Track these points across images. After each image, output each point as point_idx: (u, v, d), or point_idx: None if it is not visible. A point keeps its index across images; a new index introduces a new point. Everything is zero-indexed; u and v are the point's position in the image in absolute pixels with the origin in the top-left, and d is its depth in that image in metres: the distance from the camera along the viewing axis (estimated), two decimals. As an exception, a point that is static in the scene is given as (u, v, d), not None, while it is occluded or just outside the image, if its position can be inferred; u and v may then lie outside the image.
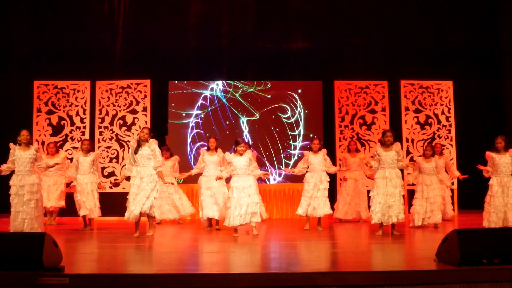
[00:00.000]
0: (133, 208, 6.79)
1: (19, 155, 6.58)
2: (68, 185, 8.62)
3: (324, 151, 7.89)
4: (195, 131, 10.23)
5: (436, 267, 4.55)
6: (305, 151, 8.01)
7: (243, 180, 6.94)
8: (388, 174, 6.93)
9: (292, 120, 10.29)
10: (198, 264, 5.21)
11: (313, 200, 7.65)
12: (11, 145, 6.68)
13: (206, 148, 8.11)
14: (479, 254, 4.39)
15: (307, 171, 7.82)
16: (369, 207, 8.76)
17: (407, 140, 9.94)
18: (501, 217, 7.02)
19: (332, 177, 8.58)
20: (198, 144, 9.99)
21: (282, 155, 10.21)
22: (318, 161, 7.72)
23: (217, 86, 10.30)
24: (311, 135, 9.94)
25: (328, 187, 7.80)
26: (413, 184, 8.26)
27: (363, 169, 8.87)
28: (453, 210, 9.05)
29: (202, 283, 4.22)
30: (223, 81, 10.35)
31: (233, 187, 6.93)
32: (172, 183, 8.43)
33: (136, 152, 6.93)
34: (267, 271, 4.64)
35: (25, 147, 6.64)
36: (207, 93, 10.28)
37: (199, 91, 10.27)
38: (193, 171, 8.12)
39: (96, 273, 4.61)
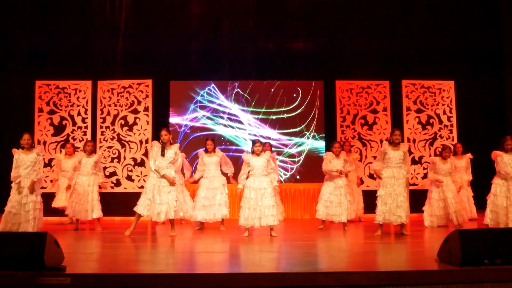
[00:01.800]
0: (159, 211, 6.86)
1: (21, 158, 6.67)
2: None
3: (344, 153, 7.95)
4: (193, 135, 10.23)
5: (437, 267, 4.54)
6: (328, 152, 8.01)
7: (259, 181, 6.92)
8: (396, 174, 6.93)
9: (298, 112, 10.26)
10: (198, 264, 5.21)
11: (332, 205, 7.68)
12: (14, 151, 6.79)
13: (204, 149, 8.10)
14: (480, 254, 4.38)
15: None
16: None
17: (408, 140, 9.93)
18: (504, 215, 7.03)
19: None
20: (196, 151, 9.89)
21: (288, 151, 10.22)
22: (340, 165, 7.75)
23: (216, 86, 10.33)
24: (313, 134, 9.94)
25: (347, 191, 7.86)
26: (414, 184, 8.28)
27: (357, 170, 8.92)
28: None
29: (202, 283, 4.22)
30: (224, 81, 10.37)
31: (249, 187, 6.92)
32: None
33: (163, 154, 6.94)
34: (268, 271, 4.63)
35: (27, 150, 6.72)
36: (207, 93, 10.29)
37: (200, 91, 10.30)
38: (197, 176, 8.05)
39: (98, 273, 4.60)
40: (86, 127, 9.82)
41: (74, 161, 8.19)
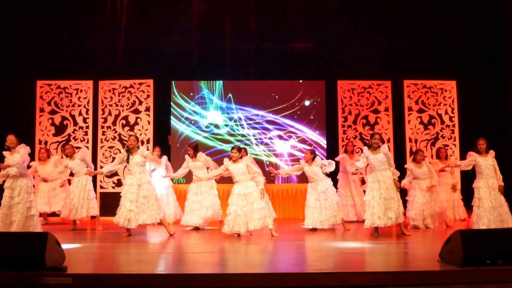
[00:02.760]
0: (139, 217, 6.89)
1: (8, 159, 6.71)
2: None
3: (318, 159, 7.88)
4: (197, 137, 10.23)
5: (439, 268, 4.53)
6: (300, 161, 7.99)
7: (243, 187, 6.92)
8: (380, 177, 6.92)
9: (299, 112, 10.24)
10: (198, 264, 5.20)
11: (319, 212, 7.62)
12: (4, 153, 6.85)
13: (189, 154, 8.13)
14: (482, 255, 4.37)
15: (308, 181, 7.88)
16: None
17: (410, 140, 9.91)
18: (491, 219, 6.93)
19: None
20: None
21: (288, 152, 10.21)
22: (313, 171, 7.71)
23: (217, 86, 10.33)
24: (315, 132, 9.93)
25: (331, 194, 7.76)
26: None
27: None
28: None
29: (202, 283, 4.21)
30: (225, 81, 10.37)
31: (233, 194, 6.92)
32: None
33: (128, 160, 7.00)
34: (268, 271, 4.63)
35: (13, 150, 6.75)
36: (208, 92, 10.29)
37: (201, 91, 10.30)
38: (178, 172, 8.15)
39: (99, 273, 4.60)
40: (87, 127, 9.82)
41: (50, 165, 8.25)
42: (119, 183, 9.68)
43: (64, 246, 4.71)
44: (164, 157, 8.90)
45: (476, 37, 10.58)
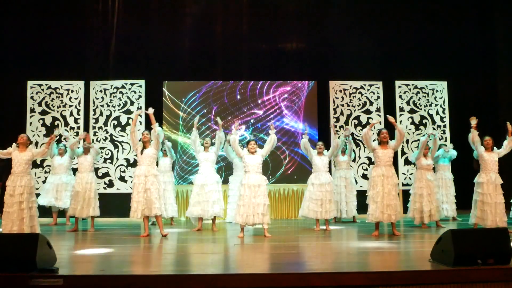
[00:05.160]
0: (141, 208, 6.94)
1: (15, 156, 6.60)
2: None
3: (327, 152, 8.04)
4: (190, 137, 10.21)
5: (430, 267, 4.55)
6: (313, 150, 8.08)
7: (254, 178, 6.95)
8: (385, 172, 6.96)
9: (291, 113, 10.27)
10: (192, 265, 5.19)
11: (320, 202, 7.67)
12: (14, 146, 6.78)
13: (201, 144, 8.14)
14: (473, 254, 4.40)
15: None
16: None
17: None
18: (493, 212, 7.05)
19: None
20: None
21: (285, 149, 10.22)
22: (323, 163, 7.87)
23: (210, 87, 10.31)
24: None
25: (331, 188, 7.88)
26: (408, 185, 8.27)
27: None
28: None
29: (196, 284, 4.20)
30: (217, 81, 10.36)
31: (244, 184, 6.94)
32: None
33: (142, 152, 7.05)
34: (261, 272, 4.63)
35: (23, 148, 6.65)
36: (201, 93, 10.27)
37: (193, 91, 10.28)
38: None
39: (90, 274, 4.57)
40: (78, 128, 9.76)
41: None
42: (110, 184, 9.64)
43: (56, 247, 4.68)
44: (168, 144, 8.83)
45: (467, 38, 10.66)
